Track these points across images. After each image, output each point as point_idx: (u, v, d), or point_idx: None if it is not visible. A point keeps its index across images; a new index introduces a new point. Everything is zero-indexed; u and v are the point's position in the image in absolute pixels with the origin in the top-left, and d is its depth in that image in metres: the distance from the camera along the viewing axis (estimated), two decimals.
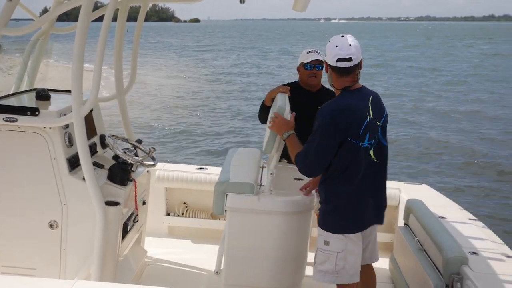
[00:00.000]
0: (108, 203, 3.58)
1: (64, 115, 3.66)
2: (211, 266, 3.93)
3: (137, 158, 3.97)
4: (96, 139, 4.21)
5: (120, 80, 4.72)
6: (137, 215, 4.16)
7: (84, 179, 3.51)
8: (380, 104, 3.40)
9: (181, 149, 14.80)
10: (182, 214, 5.46)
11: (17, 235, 3.74)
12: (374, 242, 3.62)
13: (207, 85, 29.05)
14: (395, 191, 5.11)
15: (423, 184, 5.54)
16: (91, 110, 4.01)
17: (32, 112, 3.59)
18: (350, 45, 3.22)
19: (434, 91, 27.58)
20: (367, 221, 3.42)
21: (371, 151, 3.30)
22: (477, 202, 10.64)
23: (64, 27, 4.80)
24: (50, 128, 3.61)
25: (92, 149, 4.02)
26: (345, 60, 3.22)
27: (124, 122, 4.78)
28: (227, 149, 4.93)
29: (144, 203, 4.41)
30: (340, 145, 3.22)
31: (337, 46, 3.22)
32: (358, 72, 3.31)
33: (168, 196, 5.46)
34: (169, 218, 5.45)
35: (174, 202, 5.49)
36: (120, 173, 3.79)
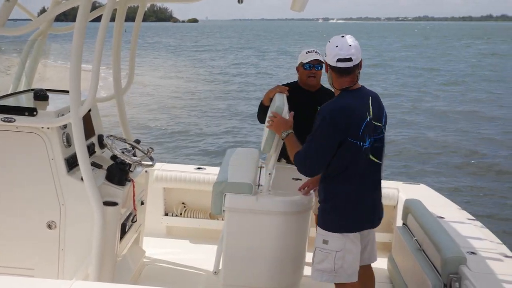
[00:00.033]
0: (106, 203, 3.57)
1: (62, 115, 3.66)
2: (210, 266, 3.93)
3: (135, 158, 3.97)
4: (94, 139, 4.20)
5: (118, 80, 4.71)
6: (135, 215, 4.16)
7: (82, 179, 3.51)
8: (380, 104, 3.40)
9: (179, 149, 14.78)
10: (181, 214, 5.46)
11: (15, 235, 3.74)
12: (372, 243, 3.63)
13: (205, 85, 29.02)
14: (393, 191, 5.10)
15: (422, 184, 5.54)
16: (89, 110, 4.01)
17: (30, 112, 3.59)
18: (350, 45, 3.23)
19: (432, 91, 27.59)
20: (365, 221, 3.43)
21: (370, 151, 3.30)
22: (475, 202, 10.65)
23: (62, 27, 4.80)
24: (48, 128, 3.61)
25: (90, 149, 4.01)
26: (345, 60, 3.23)
27: (122, 122, 4.78)
28: (225, 149, 4.92)
29: (142, 203, 4.41)
30: (340, 145, 3.22)
31: (337, 46, 3.23)
32: (358, 73, 3.32)
33: (166, 196, 5.46)
34: (167, 218, 5.45)
35: (173, 202, 5.49)
36: (118, 173, 3.79)
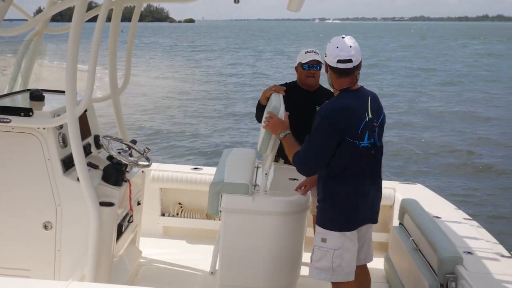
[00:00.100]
0: (102, 203, 3.57)
1: (58, 115, 3.65)
2: (206, 266, 3.93)
3: (131, 158, 3.96)
4: (90, 139, 4.19)
5: (115, 81, 4.70)
6: (131, 216, 4.15)
7: (78, 179, 3.50)
8: (379, 105, 3.42)
9: (175, 150, 14.77)
10: (177, 214, 5.45)
11: (11, 236, 3.73)
12: (369, 243, 3.65)
13: (201, 86, 29.00)
14: (390, 191, 5.11)
15: (418, 184, 5.55)
16: (85, 110, 3.99)
17: (26, 112, 3.58)
18: (351, 46, 3.25)
19: (428, 91, 27.63)
20: (363, 219, 3.44)
21: (369, 151, 3.31)
22: (471, 202, 10.67)
23: (58, 28, 4.79)
24: (44, 128, 3.60)
25: (87, 150, 4.00)
26: (345, 61, 3.25)
27: (119, 122, 4.77)
28: (222, 149, 4.92)
29: (139, 203, 4.40)
30: (339, 144, 3.24)
31: (337, 47, 3.25)
32: (358, 73, 3.34)
33: (163, 196, 5.45)
34: (164, 218, 5.44)
35: (169, 203, 5.48)
36: (115, 173, 3.78)
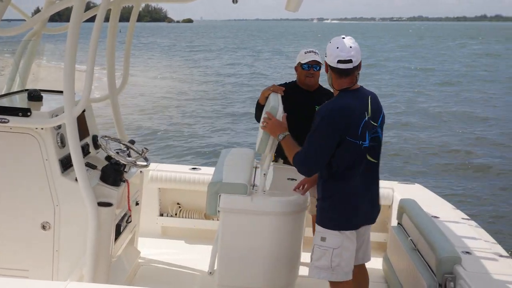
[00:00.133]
0: (100, 204, 3.56)
1: (56, 115, 3.64)
2: (205, 266, 3.92)
3: (130, 158, 3.96)
4: (88, 139, 4.19)
5: (113, 81, 4.70)
6: (130, 216, 4.15)
7: (76, 180, 3.50)
8: (378, 104, 3.42)
9: (174, 150, 14.76)
10: (176, 214, 5.45)
11: (9, 236, 3.72)
12: (367, 242, 3.65)
13: (200, 86, 28.98)
14: (388, 191, 5.11)
15: (416, 184, 5.55)
16: (84, 110, 3.99)
17: (24, 113, 3.57)
18: (351, 47, 3.26)
19: (427, 91, 27.65)
20: (362, 219, 3.45)
21: (369, 150, 3.32)
22: (470, 202, 10.68)
23: (56, 28, 4.78)
24: (42, 129, 3.59)
25: (85, 150, 4.00)
26: (346, 62, 3.26)
27: (117, 122, 4.76)
28: (220, 149, 4.92)
29: (137, 203, 4.39)
30: (339, 144, 3.24)
31: (338, 47, 3.26)
32: (357, 74, 3.35)
33: (161, 196, 5.45)
34: (162, 218, 5.44)
35: (168, 203, 5.48)
36: (113, 173, 3.78)
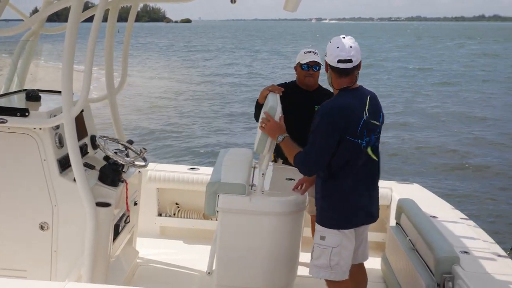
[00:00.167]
0: (99, 204, 3.56)
1: (54, 116, 3.64)
2: (203, 266, 3.92)
3: (128, 158, 3.95)
4: (87, 140, 4.19)
5: (111, 81, 4.69)
6: (128, 216, 4.15)
7: (74, 180, 3.49)
8: (377, 104, 3.43)
9: (172, 150, 14.76)
10: (174, 214, 5.44)
11: (7, 236, 3.72)
12: (366, 242, 3.67)
13: (198, 86, 28.97)
14: (386, 191, 5.11)
15: (415, 184, 5.55)
16: (82, 110, 3.99)
17: (22, 113, 3.57)
18: (351, 47, 3.27)
19: (425, 91, 27.68)
20: (362, 218, 3.46)
21: (369, 150, 3.33)
22: (468, 202, 10.69)
23: (54, 28, 4.78)
24: (40, 129, 3.59)
25: (83, 150, 4.00)
26: (346, 61, 3.27)
27: (115, 122, 4.76)
28: (219, 149, 4.91)
29: (135, 203, 4.39)
30: (339, 143, 3.25)
31: (338, 47, 3.27)
32: (357, 73, 3.36)
33: (159, 196, 5.44)
34: (161, 218, 5.43)
35: (166, 203, 5.47)
36: (111, 174, 3.77)
